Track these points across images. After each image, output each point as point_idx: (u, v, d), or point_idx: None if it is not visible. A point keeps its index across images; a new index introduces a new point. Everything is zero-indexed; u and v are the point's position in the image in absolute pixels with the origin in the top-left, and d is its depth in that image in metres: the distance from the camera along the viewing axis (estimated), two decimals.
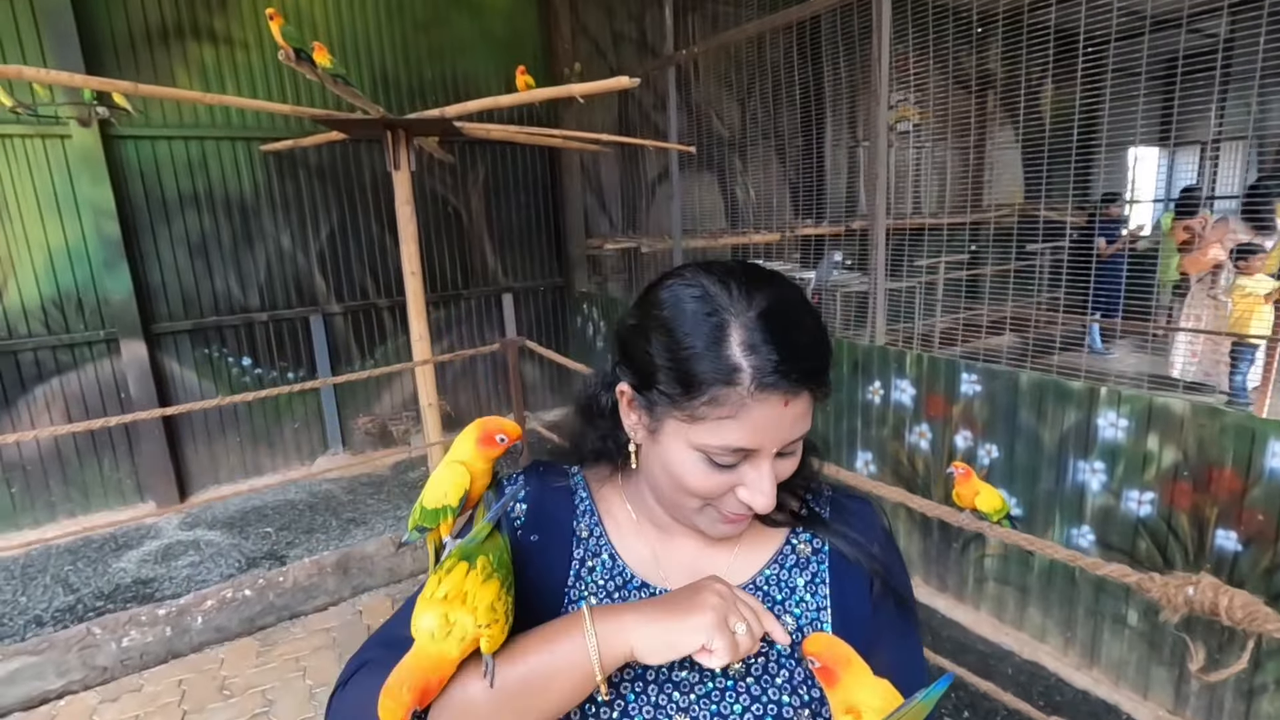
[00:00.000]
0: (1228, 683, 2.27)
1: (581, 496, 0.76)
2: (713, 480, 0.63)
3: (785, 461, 0.66)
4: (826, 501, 0.76)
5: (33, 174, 3.99)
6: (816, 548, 0.73)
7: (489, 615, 0.57)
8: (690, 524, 0.69)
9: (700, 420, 0.61)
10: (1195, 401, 2.27)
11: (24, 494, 4.20)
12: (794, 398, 0.61)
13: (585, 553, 0.72)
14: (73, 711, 2.65)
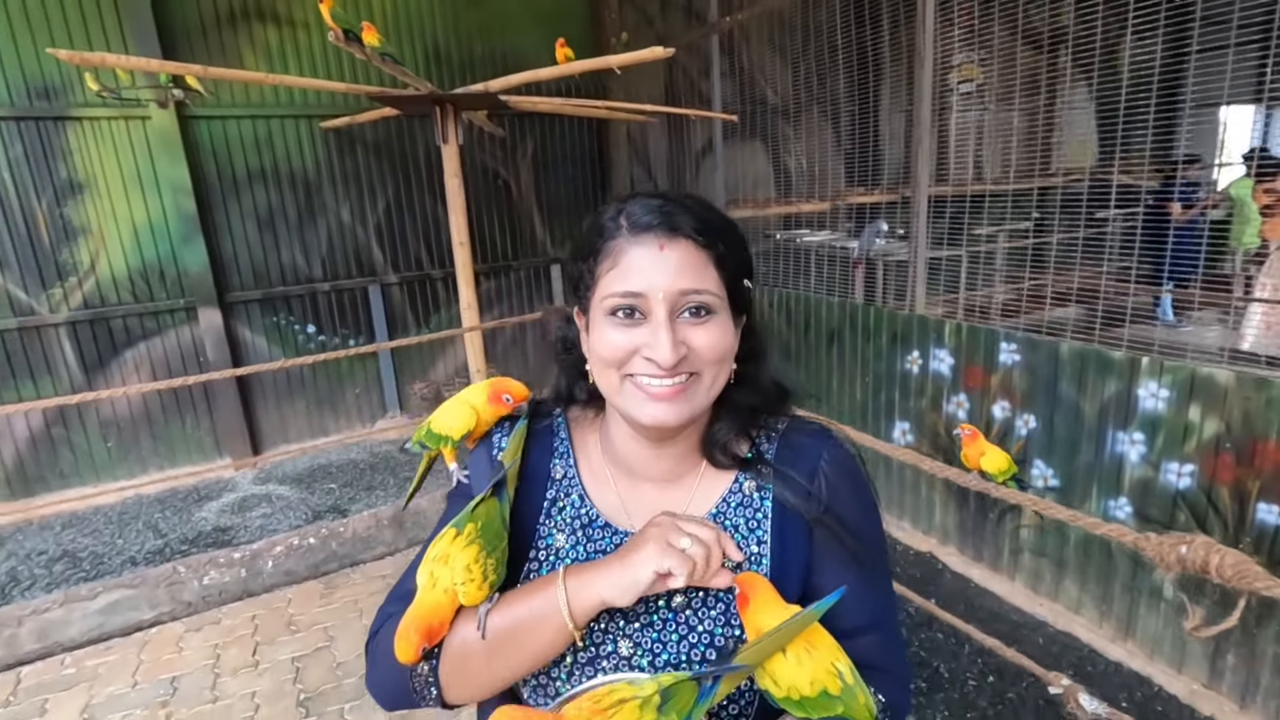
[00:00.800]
0: (1265, 657, 2.22)
1: (561, 438, 0.84)
2: (620, 337, 0.69)
3: (697, 330, 0.69)
4: (777, 439, 0.79)
5: (118, 154, 4.30)
6: (760, 486, 0.76)
7: (465, 575, 0.68)
8: (628, 415, 0.73)
9: (599, 282, 0.70)
10: (1240, 371, 2.19)
11: (119, 449, 4.61)
12: (669, 242, 0.68)
13: (558, 492, 0.80)
14: (162, 639, 2.96)
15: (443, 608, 0.69)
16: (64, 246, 4.28)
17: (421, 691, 0.73)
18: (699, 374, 0.71)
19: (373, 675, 0.79)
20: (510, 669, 0.70)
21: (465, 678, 0.71)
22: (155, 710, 2.52)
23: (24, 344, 4.26)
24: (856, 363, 3.71)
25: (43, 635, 2.95)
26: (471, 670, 0.70)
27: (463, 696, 0.74)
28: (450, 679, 0.72)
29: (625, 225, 0.70)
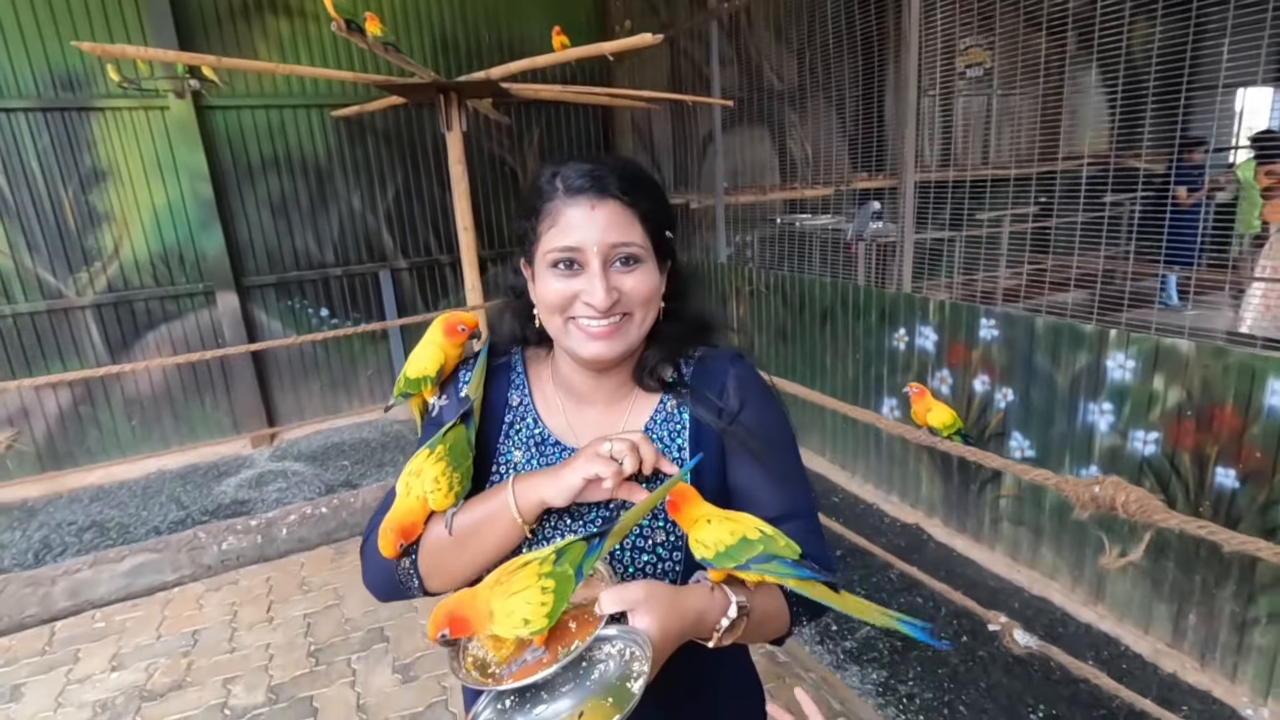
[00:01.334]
0: (1223, 616, 2.32)
1: (518, 372, 0.98)
2: (561, 285, 0.81)
3: (626, 277, 0.81)
4: (694, 364, 0.92)
5: (139, 143, 4.49)
6: (680, 404, 0.90)
7: (433, 484, 0.82)
8: (571, 352, 0.85)
9: (541, 238, 0.81)
10: (1200, 341, 2.28)
11: (142, 426, 4.83)
12: (599, 203, 0.79)
13: (515, 417, 0.94)
14: (184, 598, 3.16)
15: (414, 511, 0.83)
16: (89, 232, 4.48)
17: (406, 583, 0.87)
18: (630, 314, 0.84)
19: (367, 574, 0.94)
20: (475, 560, 0.83)
21: (440, 569, 0.85)
22: (178, 659, 2.71)
23: (53, 325, 4.48)
24: (848, 341, 3.81)
25: (74, 594, 3.15)
26: (444, 562, 0.84)
27: (440, 585, 0.87)
28: (428, 570, 0.86)
29: (561, 188, 0.81)
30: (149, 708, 2.46)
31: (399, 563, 0.87)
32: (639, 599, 0.69)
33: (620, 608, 0.69)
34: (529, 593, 0.69)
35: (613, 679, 0.69)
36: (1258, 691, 2.26)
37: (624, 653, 0.70)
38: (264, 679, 2.57)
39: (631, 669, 0.68)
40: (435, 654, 2.66)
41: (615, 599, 0.69)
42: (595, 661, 0.71)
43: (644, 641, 0.67)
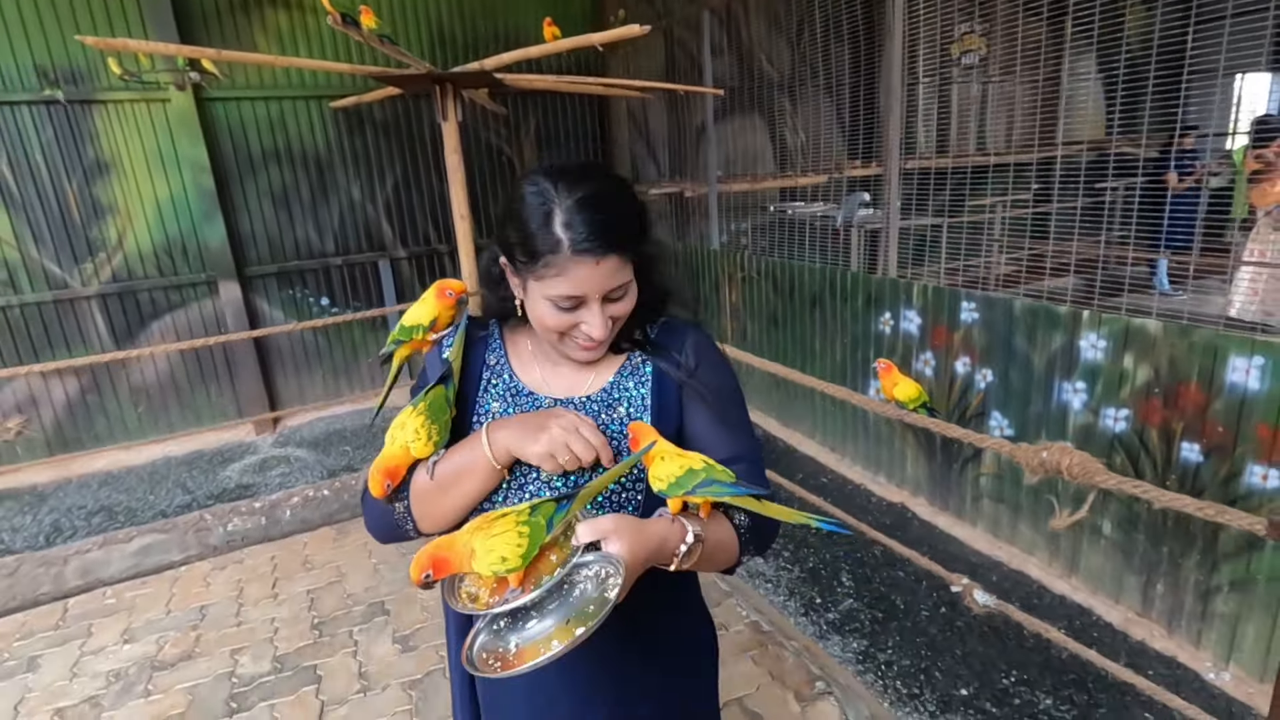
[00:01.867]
0: (1188, 585, 2.41)
1: (495, 339, 1.08)
2: (560, 319, 0.90)
3: (617, 305, 0.92)
4: (658, 328, 1.04)
5: (141, 135, 4.57)
6: (645, 360, 1.01)
7: (414, 435, 0.92)
8: (562, 352, 0.98)
9: (543, 279, 0.88)
10: (1167, 320, 2.36)
11: (148, 414, 4.94)
12: (603, 258, 0.86)
13: (491, 374, 1.05)
14: (192, 576, 3.27)
15: (397, 457, 0.93)
16: (93, 224, 4.57)
17: (402, 525, 0.98)
18: (614, 331, 0.96)
19: (368, 519, 1.05)
20: (458, 502, 0.94)
21: (428, 512, 0.96)
22: (187, 632, 2.83)
23: (59, 315, 4.58)
24: (836, 325, 3.89)
25: (85, 573, 3.27)
26: (431, 505, 0.95)
27: (431, 527, 0.98)
28: (418, 514, 0.97)
29: (567, 244, 0.84)
30: (160, 676, 2.58)
31: (394, 508, 0.97)
32: (610, 529, 0.79)
33: (594, 537, 0.79)
34: (507, 536, 0.79)
35: (592, 596, 0.80)
36: (1220, 656, 2.36)
37: (599, 574, 0.81)
38: (269, 649, 2.68)
39: (607, 584, 0.79)
40: (434, 625, 2.76)
41: (589, 529, 0.79)
42: (575, 584, 0.82)
43: (617, 561, 0.78)
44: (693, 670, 1.10)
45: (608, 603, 0.75)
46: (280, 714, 2.35)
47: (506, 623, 0.82)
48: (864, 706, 2.25)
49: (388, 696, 2.40)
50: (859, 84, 4.86)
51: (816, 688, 2.30)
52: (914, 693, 2.36)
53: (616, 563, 0.77)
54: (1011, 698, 2.32)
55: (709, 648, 1.13)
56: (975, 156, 5.40)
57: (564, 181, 0.88)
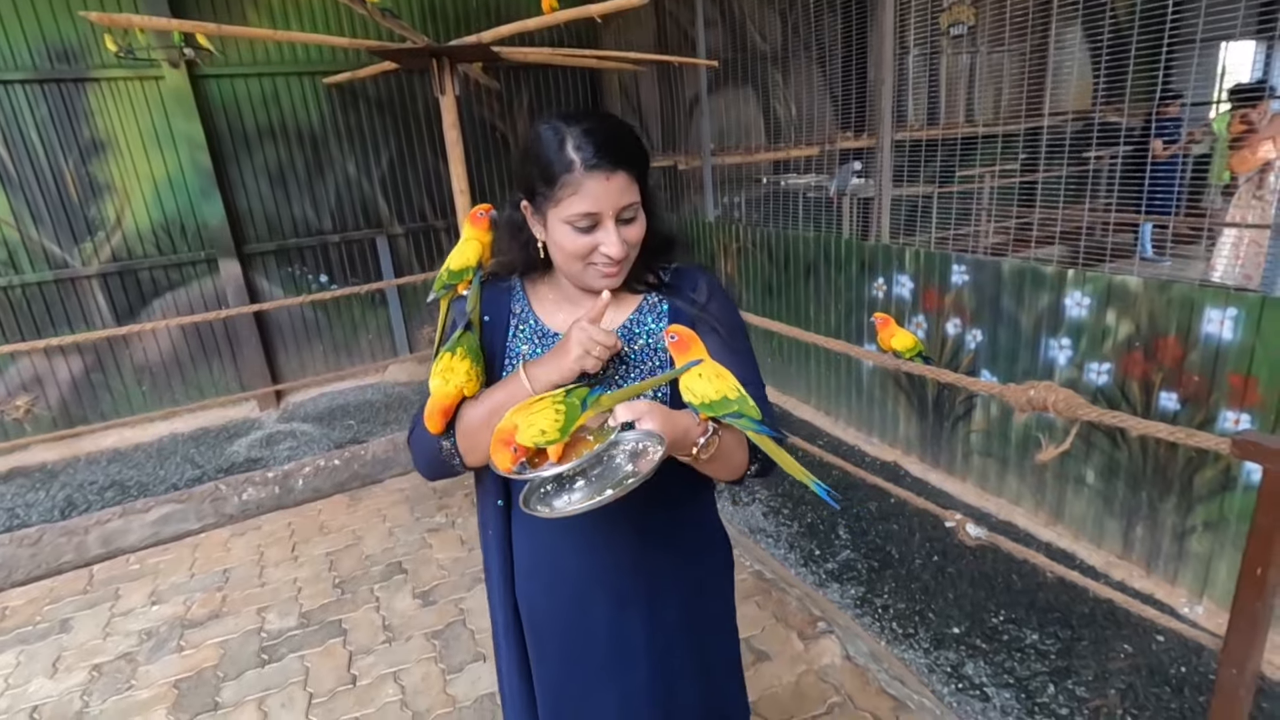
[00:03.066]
0: (1165, 527, 2.57)
1: (518, 291, 1.18)
2: (580, 242, 0.99)
3: (630, 228, 1.01)
4: (671, 273, 1.15)
5: (136, 113, 4.57)
6: (660, 299, 1.12)
7: (465, 376, 1.03)
8: (584, 283, 1.05)
9: (560, 202, 0.98)
10: (1148, 277, 2.48)
11: (153, 392, 4.99)
12: (613, 174, 0.96)
13: (518, 320, 1.15)
14: (211, 542, 3.37)
15: (452, 396, 1.04)
16: (91, 203, 4.58)
17: (450, 460, 1.09)
18: (629, 254, 1.05)
19: (417, 459, 1.15)
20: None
21: (475, 446, 1.06)
22: (213, 593, 2.94)
23: (61, 295, 4.61)
24: (830, 291, 4.00)
25: (107, 541, 3.36)
26: (479, 440, 1.05)
27: (478, 460, 1.09)
28: (465, 448, 1.07)
29: (579, 162, 0.95)
30: (191, 634, 2.69)
31: (443, 445, 1.08)
32: (645, 410, 0.91)
33: (630, 417, 0.91)
34: (546, 412, 0.91)
35: (627, 469, 0.91)
36: (1194, 593, 2.52)
37: (636, 449, 0.93)
38: (295, 607, 2.80)
39: (647, 450, 0.91)
40: (452, 580, 2.89)
41: (626, 410, 0.91)
42: (614, 458, 0.94)
43: (655, 435, 0.90)
44: (714, 579, 1.23)
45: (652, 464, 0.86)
46: (311, 664, 2.47)
47: (552, 487, 0.93)
48: (863, 643, 2.39)
49: (413, 645, 2.52)
50: (850, 55, 4.92)
51: (818, 627, 2.45)
52: (909, 632, 2.51)
53: (655, 436, 0.89)
54: (1000, 634, 2.47)
55: (726, 560, 1.26)
56: (965, 127, 5.49)
57: (573, 117, 1.00)
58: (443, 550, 3.10)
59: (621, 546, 1.10)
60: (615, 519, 1.08)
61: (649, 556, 1.12)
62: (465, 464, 1.09)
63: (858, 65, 5.25)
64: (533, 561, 1.16)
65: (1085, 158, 5.52)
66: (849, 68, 5.17)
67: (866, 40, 4.56)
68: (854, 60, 5.24)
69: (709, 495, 1.24)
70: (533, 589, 1.16)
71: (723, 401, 0.93)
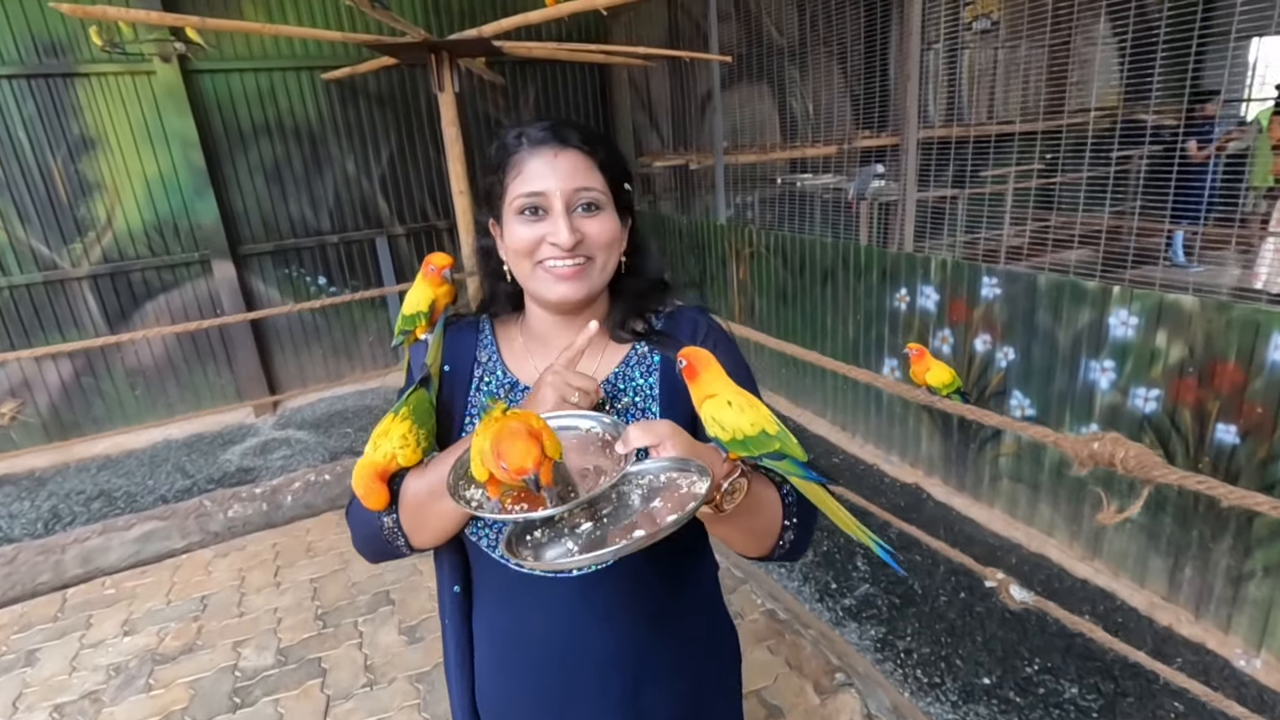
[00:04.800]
0: (1219, 569, 2.34)
1: (485, 333, 1.00)
2: (528, 231, 0.86)
3: (590, 221, 0.86)
4: (664, 317, 0.98)
5: (126, 109, 4.41)
6: (651, 350, 0.95)
7: (401, 441, 0.84)
8: (540, 296, 0.90)
9: (507, 189, 0.86)
10: (1204, 296, 2.25)
11: (146, 396, 4.85)
12: (561, 151, 0.85)
13: (483, 370, 0.97)
14: (193, 563, 3.21)
15: (378, 466, 0.85)
16: (81, 202, 4.43)
17: (393, 541, 0.90)
18: (593, 258, 0.88)
19: (355, 538, 0.96)
20: (455, 510, 0.84)
21: (422, 524, 0.87)
22: (188, 623, 2.77)
23: (50, 297, 4.46)
24: (849, 301, 3.78)
25: (85, 561, 3.21)
26: (425, 516, 0.86)
27: (425, 540, 0.90)
28: (411, 527, 0.88)
29: (525, 142, 0.86)
30: (161, 670, 2.52)
31: (383, 522, 0.89)
32: (666, 434, 0.72)
33: (647, 442, 0.72)
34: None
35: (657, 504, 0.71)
36: (1250, 643, 2.29)
37: (658, 482, 0.73)
38: (273, 641, 2.63)
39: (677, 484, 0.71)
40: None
41: (642, 432, 0.72)
42: (627, 495, 0.74)
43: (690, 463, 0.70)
44: (718, 677, 1.03)
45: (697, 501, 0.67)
46: (285, 709, 2.30)
47: (545, 534, 0.74)
48: (884, 696, 2.19)
49: (394, 690, 2.34)
50: (874, 50, 4.68)
51: (836, 679, 2.24)
52: (935, 681, 2.30)
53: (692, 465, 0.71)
54: (1035, 686, 2.26)
55: (733, 653, 1.06)
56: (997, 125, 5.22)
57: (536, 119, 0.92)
58: (433, 578, 2.91)
59: (603, 638, 0.90)
60: (596, 603, 0.89)
61: (638, 651, 0.91)
62: (411, 545, 0.90)
63: (880, 61, 5.01)
64: (497, 659, 0.96)
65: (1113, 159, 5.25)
66: (870, 63, 4.92)
67: (888, 35, 4.32)
68: (876, 56, 5.00)
69: (713, 568, 1.04)
70: (495, 692, 0.97)
71: (760, 438, 0.74)
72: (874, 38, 4.88)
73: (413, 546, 0.90)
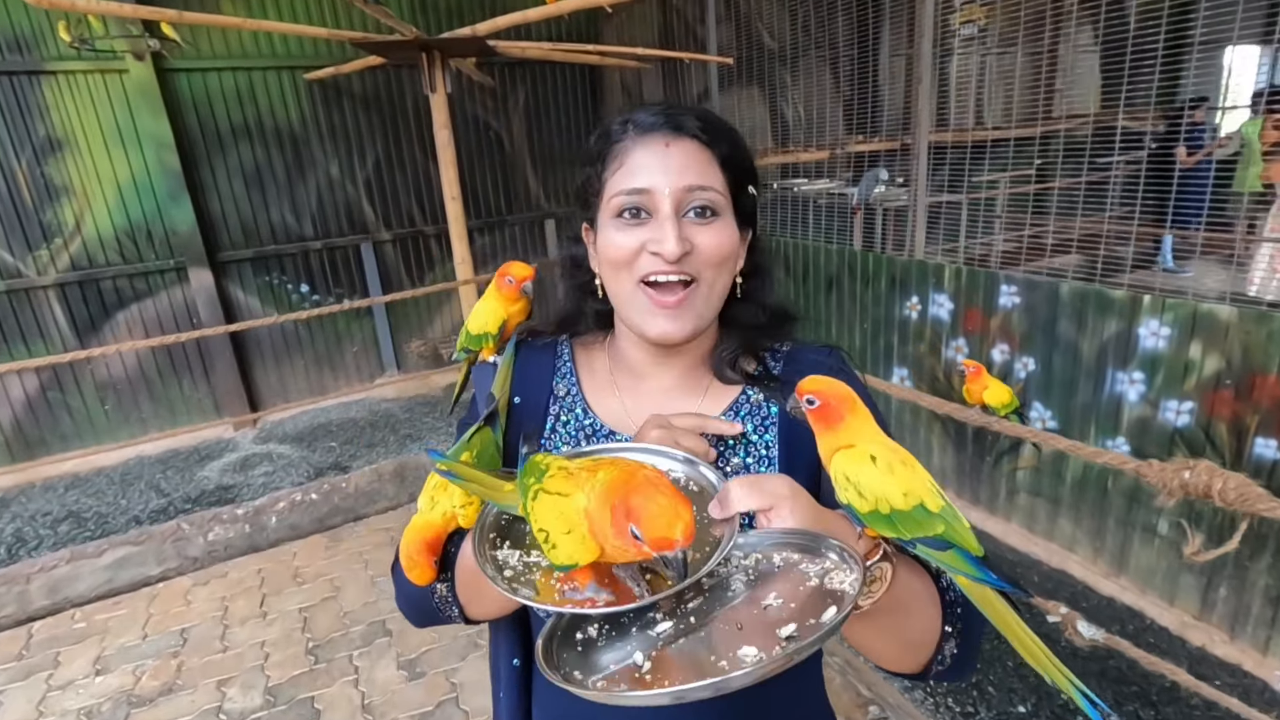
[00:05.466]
0: (1255, 589, 2.26)
1: (564, 359, 0.84)
2: (627, 238, 0.70)
3: (702, 230, 0.70)
4: (782, 356, 0.81)
5: (96, 109, 4.18)
6: (768, 398, 0.78)
7: (463, 499, 0.69)
8: (636, 328, 0.74)
9: (606, 185, 0.72)
10: (1243, 307, 2.18)
11: (117, 411, 4.60)
12: (674, 140, 0.69)
13: (560, 408, 0.81)
14: (171, 592, 3.00)
15: (434, 528, 0.71)
16: (47, 207, 4.19)
17: (445, 610, 0.77)
18: (698, 280, 0.71)
19: (400, 598, 0.83)
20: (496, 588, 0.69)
21: (481, 597, 0.73)
22: (166, 660, 2.57)
23: (14, 307, 4.21)
24: (855, 309, 3.68)
25: (52, 591, 2.98)
26: (484, 588, 0.71)
27: (483, 613, 0.77)
28: (467, 597, 0.75)
29: (631, 128, 0.72)
30: (138, 714, 2.32)
31: (434, 589, 0.75)
32: (783, 495, 0.56)
33: (755, 504, 0.55)
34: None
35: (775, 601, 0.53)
36: None
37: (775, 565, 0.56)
38: (260, 679, 2.44)
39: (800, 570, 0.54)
40: (442, 646, 2.53)
41: (749, 491, 0.55)
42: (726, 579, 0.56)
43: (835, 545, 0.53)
44: None
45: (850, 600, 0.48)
46: None
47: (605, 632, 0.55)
48: None
49: None
50: (866, 55, 4.61)
51: (870, 713, 2.12)
52: (968, 711, 2.19)
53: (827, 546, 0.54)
54: (1073, 714, 2.16)
55: None
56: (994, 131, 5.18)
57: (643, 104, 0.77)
58: None
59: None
60: None
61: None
62: (466, 617, 0.77)
63: (873, 66, 4.94)
64: None
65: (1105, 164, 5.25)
66: (863, 68, 4.85)
67: (880, 40, 4.25)
68: (869, 61, 4.93)
69: (818, 660, 0.87)
70: None
71: (915, 515, 0.54)
72: (866, 42, 4.82)
73: (468, 618, 0.77)
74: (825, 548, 0.55)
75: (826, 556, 0.55)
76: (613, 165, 0.71)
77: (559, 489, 0.53)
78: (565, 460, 0.57)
